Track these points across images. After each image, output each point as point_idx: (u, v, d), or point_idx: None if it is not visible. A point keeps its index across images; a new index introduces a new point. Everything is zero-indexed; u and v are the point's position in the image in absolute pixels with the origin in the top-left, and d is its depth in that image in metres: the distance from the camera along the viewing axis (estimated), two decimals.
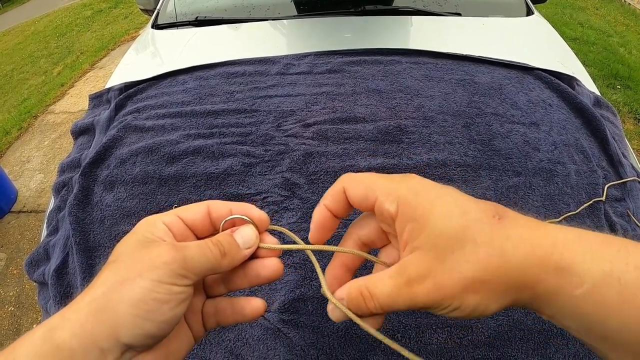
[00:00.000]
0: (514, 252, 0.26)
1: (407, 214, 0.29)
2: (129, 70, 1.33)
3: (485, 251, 0.27)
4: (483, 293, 0.27)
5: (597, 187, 0.76)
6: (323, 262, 0.36)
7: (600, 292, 0.24)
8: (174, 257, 0.30)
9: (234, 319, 0.36)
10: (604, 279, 0.24)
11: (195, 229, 0.36)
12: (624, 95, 2.81)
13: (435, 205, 0.29)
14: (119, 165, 0.86)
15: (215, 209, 0.36)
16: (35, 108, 3.69)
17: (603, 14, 4.22)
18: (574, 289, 0.25)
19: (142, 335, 0.28)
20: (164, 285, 0.29)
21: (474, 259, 0.27)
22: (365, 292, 0.30)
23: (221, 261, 0.33)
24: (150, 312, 0.28)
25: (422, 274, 0.28)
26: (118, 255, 0.31)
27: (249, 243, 0.35)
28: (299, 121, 0.89)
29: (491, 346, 0.58)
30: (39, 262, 0.82)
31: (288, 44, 1.28)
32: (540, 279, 0.26)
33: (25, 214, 2.48)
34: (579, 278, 0.25)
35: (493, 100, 0.91)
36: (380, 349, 0.59)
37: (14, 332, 1.84)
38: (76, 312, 0.28)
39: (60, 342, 0.26)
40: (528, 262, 0.26)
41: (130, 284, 0.28)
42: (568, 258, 0.26)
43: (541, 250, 0.26)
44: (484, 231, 0.27)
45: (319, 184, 0.76)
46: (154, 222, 0.34)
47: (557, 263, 0.26)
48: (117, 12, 6.14)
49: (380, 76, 1.01)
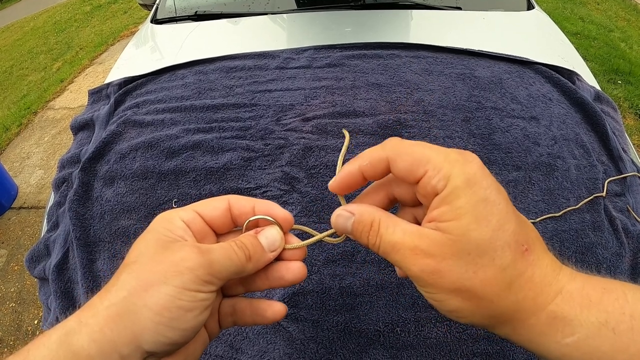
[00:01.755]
0: (517, 291, 0.27)
1: (448, 198, 0.28)
2: (128, 66, 1.33)
3: (493, 274, 0.27)
4: (469, 304, 0.27)
5: (597, 181, 0.76)
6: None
7: (594, 342, 0.25)
8: (200, 263, 0.29)
9: (253, 320, 0.35)
10: (598, 329, 0.25)
11: (215, 226, 0.34)
12: (625, 91, 2.81)
13: (477, 206, 0.27)
14: (118, 161, 0.86)
15: (236, 205, 0.35)
16: (35, 104, 3.69)
17: (604, 9, 4.20)
18: (565, 337, 0.25)
19: (164, 342, 0.27)
20: (189, 292, 0.28)
21: (481, 274, 0.27)
22: (375, 225, 0.30)
23: (246, 265, 0.32)
24: (173, 320, 0.27)
25: (430, 253, 0.28)
26: (137, 256, 0.30)
27: (274, 246, 0.34)
28: (299, 115, 0.89)
29: (490, 340, 0.58)
30: (40, 257, 0.82)
31: (287, 38, 1.27)
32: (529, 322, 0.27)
33: (25, 210, 2.49)
34: (571, 328, 0.26)
35: (493, 94, 0.91)
36: (379, 342, 0.59)
37: (16, 328, 1.85)
38: (94, 317, 0.27)
39: (79, 348, 0.25)
40: (523, 305, 0.27)
41: (153, 290, 0.27)
42: (565, 310, 0.26)
43: (542, 298, 0.27)
44: (505, 257, 0.27)
45: (319, 178, 0.76)
46: (172, 219, 0.32)
47: (552, 312, 0.26)
48: (116, 7, 6.12)
49: (380, 70, 1.00)
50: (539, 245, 0.29)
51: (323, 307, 0.62)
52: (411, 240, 0.29)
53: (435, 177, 0.28)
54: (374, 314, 0.61)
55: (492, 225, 0.27)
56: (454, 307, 0.28)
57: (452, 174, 0.28)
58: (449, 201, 0.28)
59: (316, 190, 0.74)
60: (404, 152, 0.30)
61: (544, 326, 0.26)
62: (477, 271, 0.27)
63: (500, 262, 0.27)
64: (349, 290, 0.63)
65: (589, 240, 0.68)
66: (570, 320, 0.26)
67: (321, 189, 0.75)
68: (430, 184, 0.28)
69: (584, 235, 0.68)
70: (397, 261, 0.29)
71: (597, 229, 0.69)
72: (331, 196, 0.73)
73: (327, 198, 0.73)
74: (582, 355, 0.25)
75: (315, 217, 0.71)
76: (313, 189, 0.75)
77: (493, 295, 0.27)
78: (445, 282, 0.27)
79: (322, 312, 0.61)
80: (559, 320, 0.26)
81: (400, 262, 0.29)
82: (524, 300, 0.27)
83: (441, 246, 0.27)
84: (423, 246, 0.28)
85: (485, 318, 0.28)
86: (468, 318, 0.28)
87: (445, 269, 0.27)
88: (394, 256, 0.29)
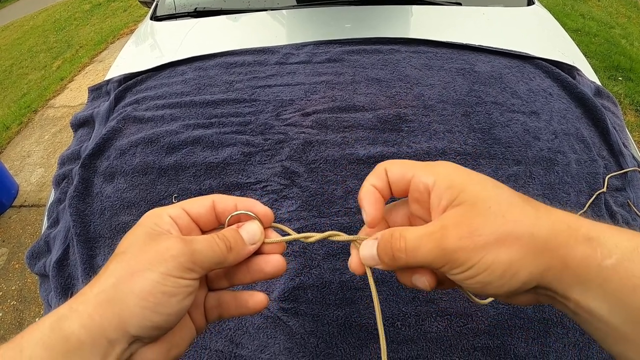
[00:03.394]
0: (546, 218, 0.28)
1: (444, 183, 0.31)
2: (128, 62, 1.33)
3: (520, 211, 0.28)
4: (516, 250, 0.27)
5: (597, 176, 0.76)
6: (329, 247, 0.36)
7: (630, 265, 0.25)
8: (183, 251, 0.31)
9: (238, 311, 0.37)
10: (632, 253, 0.25)
11: (200, 223, 0.36)
12: (626, 87, 2.80)
13: (471, 177, 0.31)
14: (118, 157, 0.86)
15: (220, 203, 0.37)
16: (35, 102, 3.69)
17: (605, 6, 4.18)
18: (604, 259, 0.25)
19: (149, 327, 0.29)
20: (172, 279, 0.29)
21: (509, 216, 0.28)
22: (396, 232, 0.31)
23: (227, 256, 0.34)
24: (158, 305, 0.29)
25: (458, 222, 0.29)
26: (126, 247, 0.31)
27: (254, 239, 0.36)
28: (299, 110, 0.89)
29: (491, 335, 0.58)
30: (40, 254, 0.83)
31: (287, 33, 1.27)
32: (570, 245, 0.27)
33: (26, 209, 2.49)
34: (607, 249, 0.26)
35: (493, 89, 0.91)
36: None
37: (17, 326, 1.85)
38: (84, 303, 0.28)
39: (69, 333, 0.27)
40: (558, 228, 0.27)
41: (139, 276, 0.29)
42: (595, 232, 0.27)
43: (570, 221, 0.28)
44: (517, 201, 0.29)
45: (318, 173, 0.76)
46: (160, 214, 0.34)
47: (585, 234, 0.27)
48: (115, 5, 6.11)
49: (380, 65, 1.00)
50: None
51: (323, 302, 0.62)
52: (434, 226, 0.30)
53: (424, 175, 0.32)
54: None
55: (489, 185, 0.30)
56: (506, 260, 0.27)
57: (436, 170, 0.32)
58: (448, 185, 0.30)
59: (316, 185, 0.74)
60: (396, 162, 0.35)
61: (584, 247, 0.26)
62: (505, 215, 0.28)
63: (517, 203, 0.29)
64: (349, 284, 0.63)
65: None
66: (605, 242, 0.26)
67: (321, 183, 0.75)
68: (421, 181, 0.32)
69: None
70: (429, 250, 0.29)
71: None
72: (331, 190, 0.73)
73: (326, 192, 0.73)
74: (621, 279, 0.25)
75: (315, 212, 0.71)
76: (313, 183, 0.75)
77: (530, 228, 0.28)
78: (485, 237, 0.28)
79: (322, 306, 0.61)
80: (595, 241, 0.26)
81: (434, 247, 0.29)
82: (557, 224, 0.28)
83: (466, 213, 0.29)
84: (450, 221, 0.29)
85: (536, 257, 0.27)
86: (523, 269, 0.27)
87: (480, 225, 0.28)
88: (425, 246, 0.29)
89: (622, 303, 0.25)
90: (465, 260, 0.28)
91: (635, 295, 0.24)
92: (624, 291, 0.25)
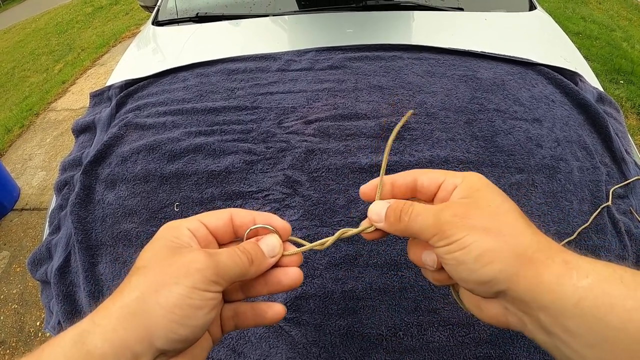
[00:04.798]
0: (532, 235, 0.30)
1: (467, 184, 0.34)
2: (129, 68, 1.33)
3: (514, 218, 0.31)
4: (496, 241, 0.30)
5: (599, 184, 0.75)
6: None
7: (605, 286, 0.26)
8: (208, 264, 0.31)
9: (255, 322, 0.38)
10: (608, 276, 0.27)
11: (218, 236, 0.37)
12: (627, 91, 2.80)
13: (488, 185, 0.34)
14: (120, 164, 0.86)
15: (238, 217, 0.37)
16: (37, 105, 3.70)
17: (606, 8, 4.19)
18: (580, 280, 0.27)
19: (176, 340, 0.29)
20: (199, 292, 0.30)
21: (502, 218, 0.31)
22: (409, 202, 0.35)
23: (249, 268, 0.34)
24: (185, 317, 0.29)
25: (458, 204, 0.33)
26: (148, 261, 0.32)
27: (274, 252, 0.37)
28: (300, 118, 0.89)
29: (493, 344, 0.58)
30: (42, 261, 0.83)
31: (289, 40, 1.27)
32: (547, 263, 0.29)
33: (27, 212, 2.49)
34: (584, 271, 0.27)
35: (495, 96, 0.91)
36: (382, 346, 0.59)
37: (18, 329, 1.85)
38: (107, 317, 0.28)
39: (92, 347, 0.27)
40: (540, 246, 0.30)
41: (166, 290, 0.29)
42: (573, 258, 0.29)
43: (552, 246, 0.30)
44: (516, 214, 0.32)
45: (321, 181, 0.76)
46: (179, 227, 0.34)
47: (563, 258, 0.29)
48: (117, 9, 6.13)
49: (382, 72, 1.00)
50: None
51: (325, 311, 0.62)
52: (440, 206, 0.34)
53: (455, 177, 0.35)
54: (376, 318, 0.61)
55: (498, 198, 0.33)
56: (483, 246, 0.30)
57: (464, 175, 0.35)
58: (469, 185, 0.34)
59: (318, 194, 0.74)
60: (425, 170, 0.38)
61: (560, 268, 0.28)
62: (499, 216, 0.31)
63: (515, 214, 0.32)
64: (352, 294, 0.63)
65: (592, 243, 0.68)
66: (582, 266, 0.28)
67: (323, 192, 0.74)
68: (451, 182, 0.35)
69: (587, 238, 0.68)
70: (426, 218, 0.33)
71: (600, 232, 0.69)
72: (333, 199, 0.73)
73: (329, 201, 0.73)
74: (596, 298, 0.26)
75: (317, 221, 0.71)
76: (315, 192, 0.75)
77: (516, 233, 0.30)
78: (473, 223, 0.31)
79: (324, 316, 0.61)
80: (572, 265, 0.28)
81: (430, 217, 0.33)
82: (540, 242, 0.30)
83: (467, 204, 0.33)
84: (453, 204, 0.33)
85: (511, 259, 0.29)
86: (495, 262, 0.30)
87: (474, 213, 0.32)
88: (425, 215, 0.33)
89: (600, 321, 0.26)
90: (450, 234, 0.31)
91: (612, 314, 0.25)
92: (602, 309, 0.26)
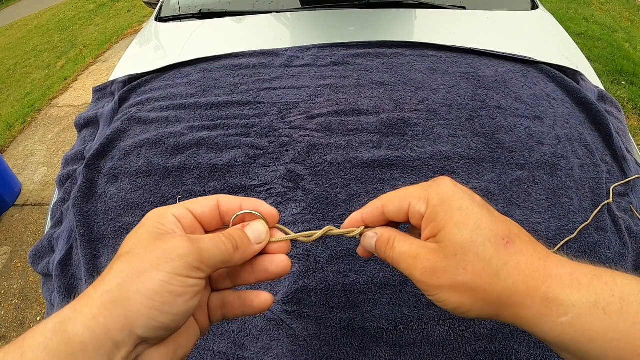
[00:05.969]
0: (506, 277, 0.30)
1: (431, 215, 0.34)
2: (132, 63, 1.33)
3: (481, 267, 0.31)
4: (467, 297, 0.31)
5: (600, 181, 0.76)
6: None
7: (586, 321, 0.27)
8: (190, 250, 0.30)
9: (242, 311, 0.37)
10: (589, 309, 0.27)
11: (204, 222, 0.36)
12: (629, 91, 2.80)
13: (454, 215, 0.33)
14: (123, 158, 0.86)
15: (225, 203, 0.36)
16: (39, 102, 3.71)
17: (608, 9, 4.18)
18: (559, 317, 0.28)
19: (157, 327, 0.28)
20: (180, 278, 0.29)
21: (470, 268, 0.31)
22: (391, 241, 0.36)
23: (234, 255, 0.33)
24: (165, 305, 0.28)
25: (428, 258, 0.33)
26: (130, 247, 0.31)
27: (260, 238, 0.36)
28: (303, 113, 0.89)
29: (493, 339, 0.58)
30: (44, 254, 0.83)
31: (292, 36, 1.27)
32: (525, 304, 0.29)
33: (29, 207, 2.50)
34: (564, 308, 0.28)
35: (497, 93, 0.91)
36: (383, 340, 0.59)
37: (18, 324, 1.86)
38: (88, 305, 0.27)
39: (73, 335, 0.26)
40: (516, 288, 0.30)
41: (146, 276, 0.28)
42: (556, 291, 0.29)
43: (532, 281, 0.30)
44: (488, 250, 0.31)
45: (323, 176, 0.76)
46: (164, 214, 0.34)
47: (544, 294, 0.29)
48: (120, 6, 6.13)
49: (384, 69, 1.01)
50: (522, 238, 0.32)
51: (326, 305, 0.62)
52: (415, 250, 0.34)
53: (418, 204, 0.35)
54: (377, 312, 0.61)
55: (469, 227, 0.32)
56: (456, 302, 0.31)
57: (429, 196, 0.34)
58: (433, 218, 0.33)
59: (320, 188, 0.75)
60: (393, 196, 0.37)
61: (539, 307, 0.29)
62: (466, 267, 0.31)
63: (484, 255, 0.31)
64: (353, 287, 0.63)
65: (592, 240, 0.68)
66: (563, 301, 0.28)
67: (325, 186, 0.75)
68: (416, 210, 0.35)
69: (587, 235, 0.68)
70: (404, 269, 0.35)
71: (601, 229, 0.69)
72: (335, 194, 0.74)
73: (331, 196, 0.73)
74: (576, 333, 0.27)
75: (319, 215, 0.71)
76: (317, 186, 0.75)
77: (486, 285, 0.30)
78: (443, 281, 0.32)
79: (325, 309, 0.62)
80: (552, 301, 0.28)
81: (407, 269, 0.34)
82: (516, 285, 0.30)
83: (436, 253, 0.32)
84: (423, 254, 0.33)
85: (486, 306, 0.31)
86: (472, 311, 0.31)
87: (441, 269, 0.32)
88: (402, 264, 0.35)
89: (580, 350, 0.27)
90: (426, 290, 0.33)
91: (592, 345, 0.26)
92: (581, 341, 0.27)
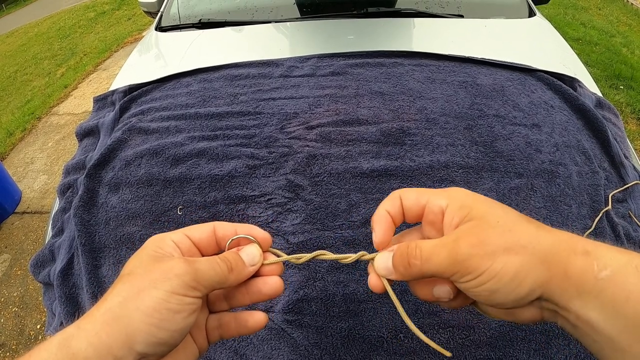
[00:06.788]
0: (546, 235, 0.31)
1: (456, 204, 0.34)
2: (132, 73, 1.34)
3: (525, 227, 0.31)
4: (522, 257, 0.30)
5: (598, 188, 0.76)
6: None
7: (623, 277, 0.27)
8: (186, 270, 0.32)
9: (238, 331, 0.39)
10: (624, 266, 0.28)
11: (201, 247, 0.38)
12: (627, 96, 2.81)
13: (480, 198, 0.34)
14: (123, 167, 0.87)
15: (220, 229, 0.39)
16: (39, 109, 3.72)
17: (606, 14, 4.21)
18: (600, 271, 0.28)
19: (155, 343, 0.30)
20: (177, 296, 0.31)
21: (515, 229, 0.31)
22: (412, 243, 0.34)
23: (228, 276, 0.35)
24: (163, 321, 0.30)
25: (469, 233, 0.32)
26: (132, 269, 0.33)
27: (254, 260, 0.38)
28: (303, 123, 0.90)
29: (493, 346, 0.58)
30: (45, 263, 0.83)
31: (291, 46, 1.28)
32: (570, 258, 0.29)
33: (29, 215, 2.50)
34: (603, 262, 0.28)
35: (495, 102, 0.92)
36: (383, 349, 0.59)
37: (18, 332, 1.85)
38: (91, 322, 0.29)
39: (76, 351, 0.28)
40: (558, 242, 0.30)
41: (145, 294, 0.30)
42: (591, 247, 0.29)
43: (572, 239, 0.31)
44: (521, 219, 0.32)
45: (323, 186, 0.77)
46: (163, 239, 0.36)
47: (583, 248, 0.29)
48: (120, 14, 6.17)
49: (383, 78, 1.01)
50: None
51: (327, 314, 0.62)
52: (448, 238, 0.33)
53: (438, 198, 0.35)
54: (377, 321, 0.61)
55: (500, 207, 0.33)
56: (514, 265, 0.30)
57: (449, 193, 0.35)
58: (460, 205, 0.34)
59: (320, 198, 0.75)
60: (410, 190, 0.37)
61: (582, 262, 0.29)
62: (512, 229, 0.31)
63: (521, 220, 0.32)
64: (353, 296, 0.63)
65: None
66: (602, 256, 0.29)
67: (325, 196, 0.75)
68: (435, 203, 0.35)
69: None
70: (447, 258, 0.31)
71: (600, 236, 0.70)
72: (335, 204, 0.74)
73: (330, 206, 0.74)
74: (615, 287, 0.27)
75: (319, 225, 0.72)
76: (317, 196, 0.75)
77: (534, 242, 0.30)
78: (495, 246, 0.30)
79: (326, 318, 0.62)
80: (591, 255, 0.29)
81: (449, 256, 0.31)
82: (556, 241, 0.30)
83: (475, 227, 0.32)
84: (462, 234, 0.32)
85: (540, 265, 0.30)
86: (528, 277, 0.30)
87: (488, 237, 0.31)
88: (439, 255, 0.32)
89: (617, 313, 0.27)
90: (476, 268, 0.30)
91: (627, 305, 0.26)
92: (618, 301, 0.27)
